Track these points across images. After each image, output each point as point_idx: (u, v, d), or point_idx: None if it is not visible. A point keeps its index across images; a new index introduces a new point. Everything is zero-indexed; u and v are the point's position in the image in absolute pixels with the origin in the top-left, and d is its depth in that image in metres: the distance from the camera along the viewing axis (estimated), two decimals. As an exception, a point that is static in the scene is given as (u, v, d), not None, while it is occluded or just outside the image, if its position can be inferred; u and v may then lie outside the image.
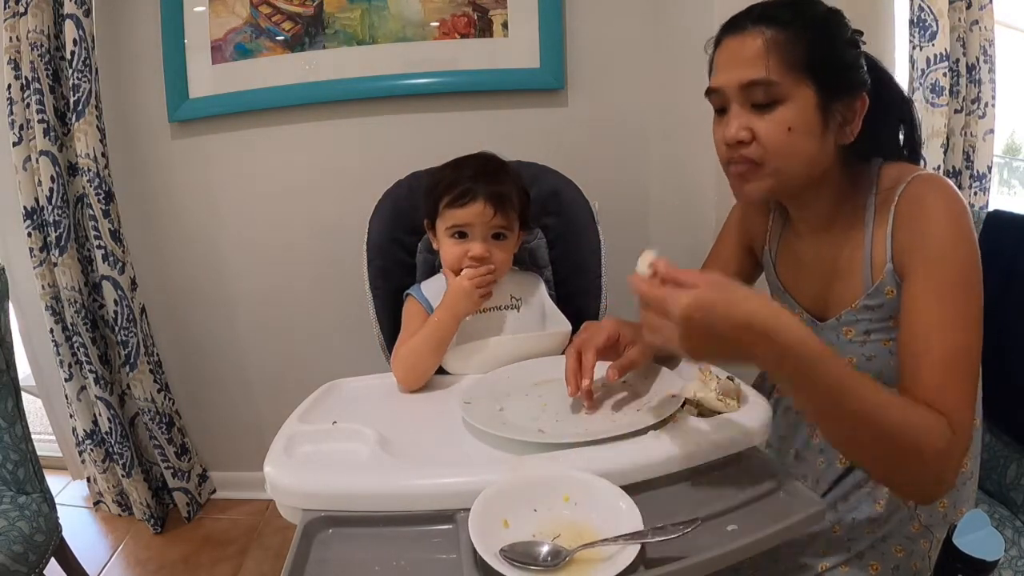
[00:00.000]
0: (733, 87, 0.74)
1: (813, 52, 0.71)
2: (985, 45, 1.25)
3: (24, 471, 1.20)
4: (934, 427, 0.63)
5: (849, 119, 0.74)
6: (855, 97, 0.74)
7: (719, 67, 0.77)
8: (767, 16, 0.73)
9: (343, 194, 1.61)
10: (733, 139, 0.74)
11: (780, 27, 0.72)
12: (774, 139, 0.73)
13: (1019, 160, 2.01)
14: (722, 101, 0.76)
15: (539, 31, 1.52)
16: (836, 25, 0.75)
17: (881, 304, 0.76)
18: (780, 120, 0.72)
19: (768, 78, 0.71)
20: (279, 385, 1.78)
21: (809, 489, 0.64)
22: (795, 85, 0.71)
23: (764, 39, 0.72)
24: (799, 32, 0.71)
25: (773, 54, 0.71)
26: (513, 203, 0.99)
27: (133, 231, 1.63)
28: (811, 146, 0.73)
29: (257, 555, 1.63)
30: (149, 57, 1.56)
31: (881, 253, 0.76)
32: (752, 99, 0.73)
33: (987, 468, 0.96)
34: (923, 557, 0.78)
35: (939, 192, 0.72)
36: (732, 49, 0.75)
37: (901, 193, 0.74)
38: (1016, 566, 0.84)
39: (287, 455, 0.72)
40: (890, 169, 0.78)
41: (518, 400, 0.83)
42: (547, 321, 1.05)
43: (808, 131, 0.72)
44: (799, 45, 0.71)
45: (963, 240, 0.70)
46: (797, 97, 0.72)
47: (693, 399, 0.75)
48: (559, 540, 0.57)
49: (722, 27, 0.78)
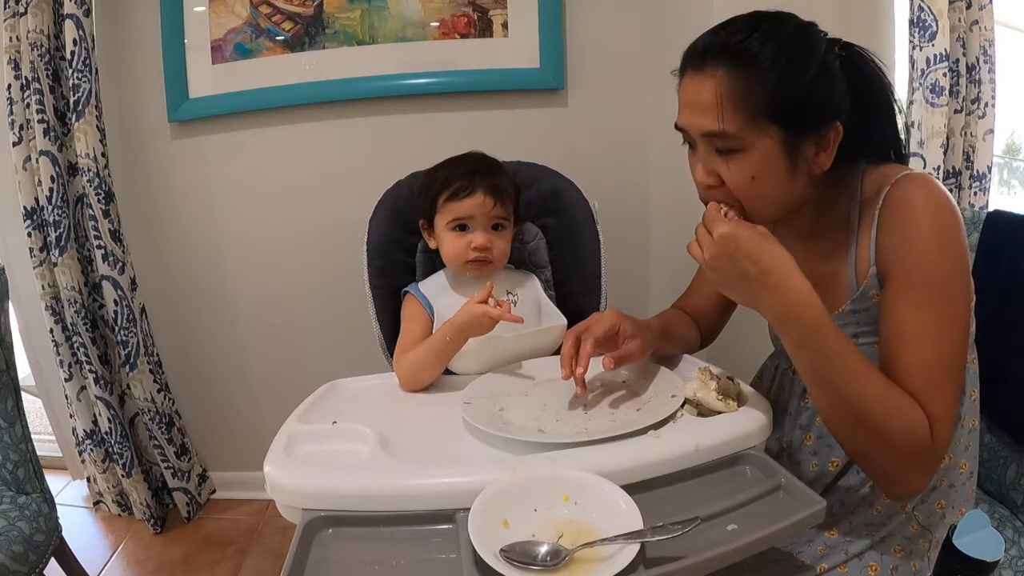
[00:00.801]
0: (695, 132, 0.72)
1: (776, 94, 0.67)
2: (985, 45, 1.25)
3: (24, 471, 1.20)
4: (915, 422, 0.65)
5: (823, 147, 0.71)
6: (827, 129, 0.70)
7: (681, 106, 0.74)
8: (727, 50, 0.68)
9: (343, 194, 1.62)
10: (701, 184, 0.74)
11: (739, 68, 0.67)
12: (739, 187, 0.71)
13: (1019, 160, 2.01)
14: (689, 139, 0.75)
15: (539, 31, 1.52)
16: (806, 52, 0.68)
17: (867, 308, 0.75)
18: (742, 168, 0.70)
19: (724, 130, 0.68)
20: (279, 385, 1.78)
21: (809, 488, 0.64)
22: (756, 134, 0.68)
23: (719, 85, 0.68)
24: (761, 74, 0.66)
25: (730, 103, 0.67)
26: (510, 195, 1.02)
27: (133, 231, 1.63)
28: (779, 189, 0.72)
29: (257, 555, 1.63)
30: (149, 57, 1.57)
31: (865, 257, 0.74)
32: (714, 145, 0.71)
33: (987, 468, 0.96)
34: (922, 557, 0.78)
35: (923, 192, 0.69)
36: (690, 90, 0.72)
37: (886, 195, 0.71)
38: (1016, 566, 0.84)
39: (287, 455, 0.72)
40: (874, 173, 0.76)
41: (518, 400, 0.84)
42: (543, 316, 1.06)
43: (774, 176, 0.70)
44: (760, 89, 0.66)
45: (946, 244, 0.68)
46: (758, 145, 0.68)
47: (693, 399, 0.75)
48: (559, 540, 0.57)
49: (684, 56, 0.74)
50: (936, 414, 0.66)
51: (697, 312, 1.01)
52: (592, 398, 0.82)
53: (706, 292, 1.01)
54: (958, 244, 0.69)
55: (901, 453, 0.66)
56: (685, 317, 1.00)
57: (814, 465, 0.84)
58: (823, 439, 0.83)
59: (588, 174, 1.23)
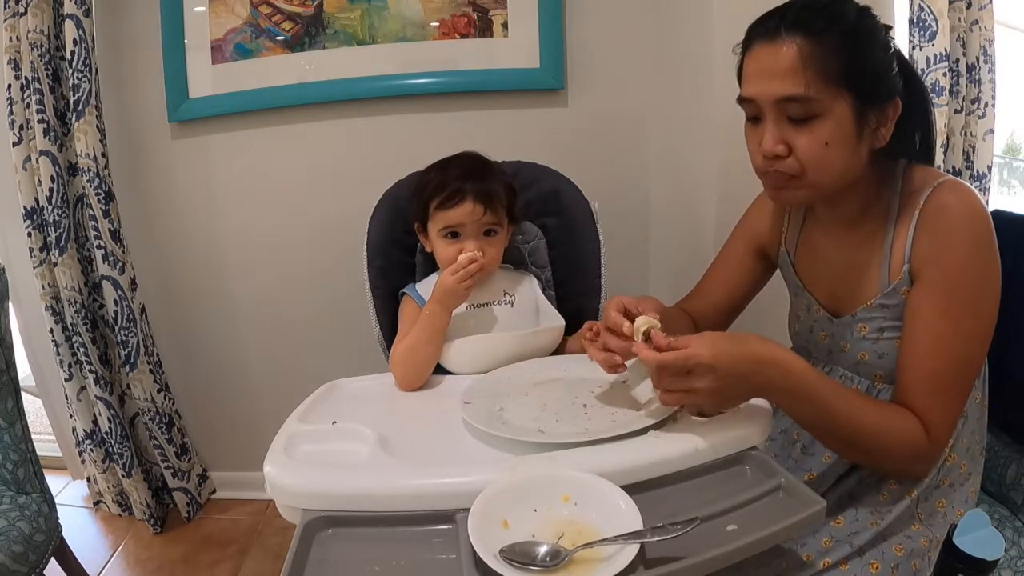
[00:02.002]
0: (768, 100, 0.72)
1: (850, 62, 0.69)
2: (985, 45, 1.25)
3: (24, 471, 1.20)
4: (909, 434, 0.72)
5: (883, 123, 0.73)
6: (889, 103, 0.72)
7: (751, 76, 0.74)
8: (801, 23, 0.70)
9: (343, 194, 1.61)
10: (770, 153, 0.73)
11: (815, 36, 0.69)
12: (812, 154, 0.72)
13: (1019, 160, 2.01)
14: (755, 110, 0.75)
15: (539, 31, 1.52)
16: (871, 28, 0.72)
17: (897, 304, 0.77)
18: (818, 135, 0.71)
19: (806, 94, 0.69)
20: (279, 385, 1.78)
21: (809, 488, 0.64)
22: (832, 99, 0.69)
23: (800, 50, 0.69)
24: (835, 41, 0.69)
25: (810, 68, 0.69)
26: (501, 200, 1.01)
27: (133, 231, 1.63)
28: (847, 157, 0.73)
29: (257, 555, 1.63)
30: (149, 57, 1.56)
31: (900, 253, 0.76)
32: (788, 112, 0.71)
33: (987, 468, 0.96)
34: (922, 556, 0.78)
35: (963, 203, 0.72)
36: (764, 58, 0.72)
37: (927, 197, 0.73)
38: (1016, 566, 0.83)
39: (287, 455, 0.72)
40: (916, 171, 0.77)
41: (518, 400, 0.83)
42: (541, 317, 1.06)
43: (845, 143, 0.71)
44: (835, 56, 0.69)
45: (979, 257, 0.71)
46: (834, 110, 0.70)
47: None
48: (558, 540, 0.57)
49: (752, 29, 0.75)
50: (934, 420, 0.72)
51: (701, 315, 1.01)
52: (591, 398, 0.82)
53: (711, 298, 1.02)
54: (990, 259, 0.71)
55: (901, 458, 0.74)
56: (685, 319, 1.00)
57: (827, 457, 0.85)
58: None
59: (588, 174, 1.22)
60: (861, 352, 0.82)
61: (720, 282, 1.02)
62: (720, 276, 1.03)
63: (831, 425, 0.73)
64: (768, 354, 0.69)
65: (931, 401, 0.72)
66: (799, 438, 0.89)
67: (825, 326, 0.88)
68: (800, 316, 0.94)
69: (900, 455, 0.73)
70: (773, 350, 0.70)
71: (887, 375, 0.80)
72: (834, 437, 0.75)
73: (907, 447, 0.72)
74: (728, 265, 1.02)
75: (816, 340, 0.90)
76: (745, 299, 1.03)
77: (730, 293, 1.02)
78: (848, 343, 0.83)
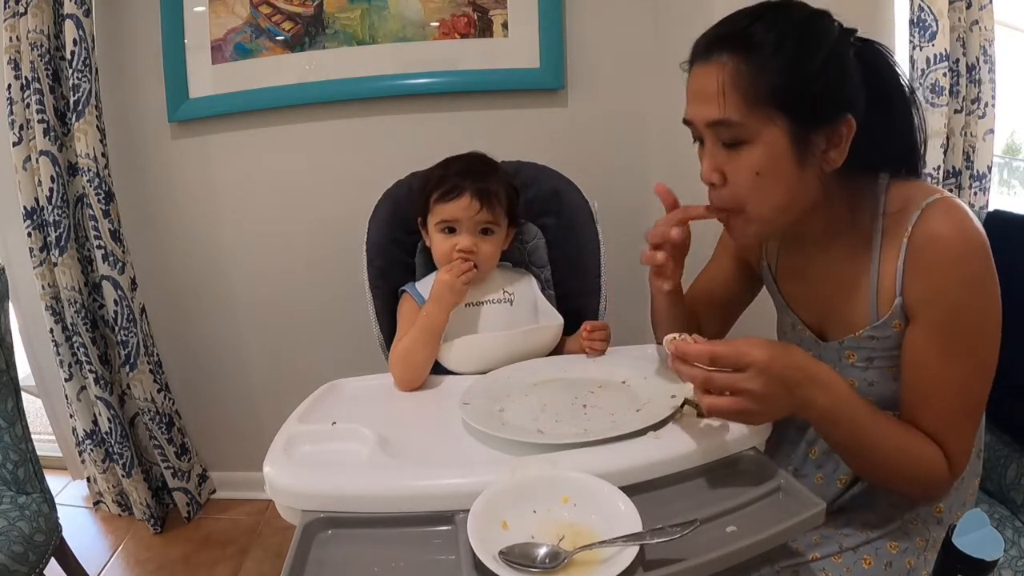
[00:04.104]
0: (700, 124, 0.70)
1: (783, 82, 0.64)
2: (985, 45, 1.25)
3: (24, 471, 1.20)
4: (932, 463, 0.71)
5: (835, 143, 0.68)
6: (838, 122, 0.66)
7: (688, 98, 0.72)
8: (732, 37, 0.67)
9: (343, 194, 1.61)
10: (705, 180, 0.72)
11: (745, 54, 0.65)
12: (742, 183, 0.69)
13: (1019, 160, 2.01)
14: (697, 133, 0.73)
15: (539, 31, 1.52)
16: (815, 39, 0.66)
17: (888, 336, 0.74)
18: (746, 163, 0.67)
19: (727, 119, 0.66)
20: (279, 385, 1.78)
21: (808, 490, 0.64)
22: (761, 123, 0.65)
23: (723, 72, 0.65)
24: (767, 59, 0.64)
25: (733, 90, 0.65)
26: (500, 199, 1.01)
27: (133, 231, 1.63)
28: (786, 186, 0.68)
29: (257, 555, 1.63)
30: (149, 57, 1.56)
31: (890, 285, 0.71)
32: (720, 137, 0.68)
33: (987, 468, 0.96)
34: (917, 555, 0.78)
35: (957, 234, 0.66)
36: (697, 80, 0.70)
37: (915, 223, 0.68)
38: (1016, 566, 0.83)
39: (287, 455, 0.72)
40: (899, 188, 0.73)
41: (517, 401, 0.83)
42: (539, 315, 1.06)
43: (780, 171, 0.67)
44: (765, 76, 0.64)
45: (978, 291, 0.67)
46: (765, 136, 0.66)
47: (693, 399, 0.75)
48: (558, 542, 0.57)
49: (692, 49, 0.72)
50: (954, 452, 0.71)
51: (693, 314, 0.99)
52: (591, 398, 0.82)
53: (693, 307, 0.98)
54: (989, 292, 0.68)
55: (922, 485, 0.73)
56: None
57: (819, 478, 0.85)
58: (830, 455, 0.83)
59: (588, 174, 1.22)
60: (850, 379, 0.77)
61: (702, 290, 0.99)
62: (703, 283, 1.00)
63: (861, 449, 0.71)
64: (815, 369, 0.66)
65: (948, 434, 0.71)
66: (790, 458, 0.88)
67: (811, 347, 0.83)
68: (787, 333, 0.91)
69: (922, 482, 0.72)
70: (819, 366, 0.67)
71: (878, 403, 0.75)
72: (860, 460, 0.74)
73: (930, 475, 0.71)
74: (712, 276, 0.99)
75: None
76: (731, 306, 0.99)
77: (712, 299, 0.98)
78: (836, 368, 0.77)
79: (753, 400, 0.63)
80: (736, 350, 0.63)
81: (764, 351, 0.62)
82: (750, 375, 0.62)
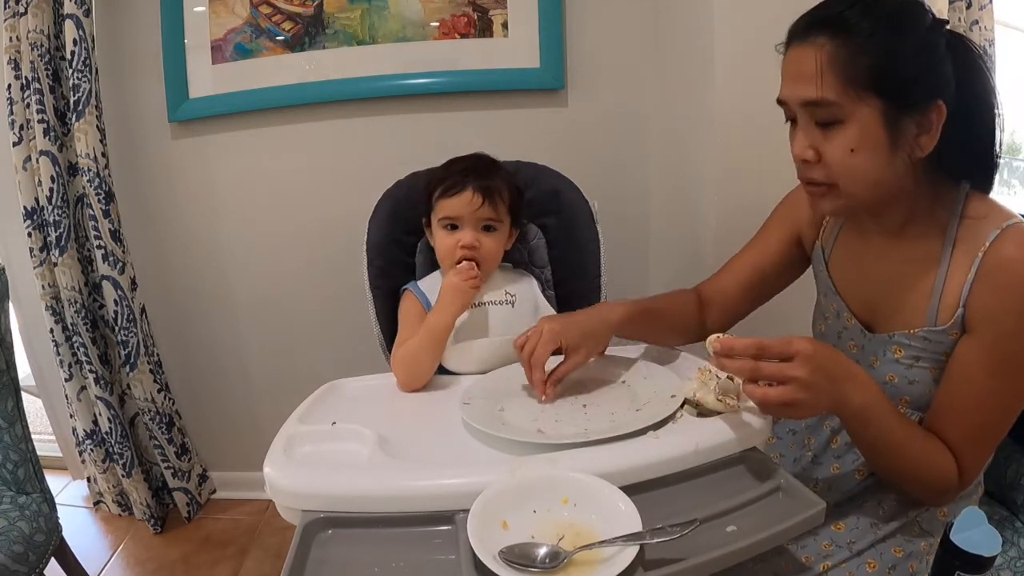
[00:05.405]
0: (795, 103, 0.71)
1: (877, 64, 0.66)
2: (985, 45, 1.25)
3: (24, 471, 1.20)
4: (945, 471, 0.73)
5: (925, 129, 0.68)
6: (929, 108, 0.67)
7: (783, 78, 0.73)
8: (830, 20, 0.68)
9: (343, 194, 1.61)
10: (798, 157, 0.73)
11: (842, 36, 0.66)
12: (837, 161, 0.70)
13: (1019, 160, 2.01)
14: (790, 113, 0.74)
15: (539, 31, 1.52)
16: (909, 24, 0.67)
17: (942, 341, 0.74)
18: (842, 141, 0.69)
19: (824, 98, 0.67)
20: (279, 385, 1.78)
21: (809, 490, 0.64)
22: (856, 103, 0.67)
23: (821, 53, 0.67)
24: (863, 42, 0.66)
25: (830, 71, 0.67)
26: (503, 197, 1.02)
27: (133, 231, 1.63)
28: (877, 166, 0.69)
29: (257, 555, 1.63)
30: (149, 57, 1.56)
31: (955, 297, 0.72)
32: (815, 116, 0.70)
33: (987, 468, 0.96)
34: (920, 559, 0.78)
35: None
36: (793, 60, 0.71)
37: (992, 243, 0.69)
38: (1015, 567, 0.83)
39: (287, 456, 0.72)
40: (978, 201, 0.74)
41: (518, 401, 0.84)
42: (540, 316, 1.05)
43: (874, 151, 0.68)
44: (861, 58, 0.66)
45: None
46: (859, 116, 0.67)
47: (693, 399, 0.75)
48: (558, 542, 0.57)
49: (789, 30, 0.73)
50: (968, 466, 0.73)
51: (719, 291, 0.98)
52: (591, 398, 0.82)
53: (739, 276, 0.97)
54: None
55: (932, 491, 0.76)
56: (689, 305, 0.98)
57: (835, 468, 0.85)
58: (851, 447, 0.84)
59: (588, 174, 1.22)
60: (891, 374, 0.78)
61: (749, 263, 0.97)
62: (750, 256, 0.98)
63: (885, 450, 0.73)
64: (855, 368, 0.70)
65: (968, 448, 0.73)
66: (809, 444, 0.88)
67: (856, 337, 0.84)
68: (828, 318, 0.90)
69: (933, 488, 0.75)
70: (857, 366, 0.71)
71: (913, 400, 0.78)
72: (880, 459, 0.76)
73: (942, 483, 0.73)
74: (762, 248, 0.97)
75: (844, 348, 0.86)
76: (771, 284, 0.98)
77: (758, 273, 0.96)
78: (879, 361, 0.80)
79: (800, 388, 0.65)
80: (782, 340, 0.66)
81: (809, 342, 0.66)
82: (797, 363, 0.65)
